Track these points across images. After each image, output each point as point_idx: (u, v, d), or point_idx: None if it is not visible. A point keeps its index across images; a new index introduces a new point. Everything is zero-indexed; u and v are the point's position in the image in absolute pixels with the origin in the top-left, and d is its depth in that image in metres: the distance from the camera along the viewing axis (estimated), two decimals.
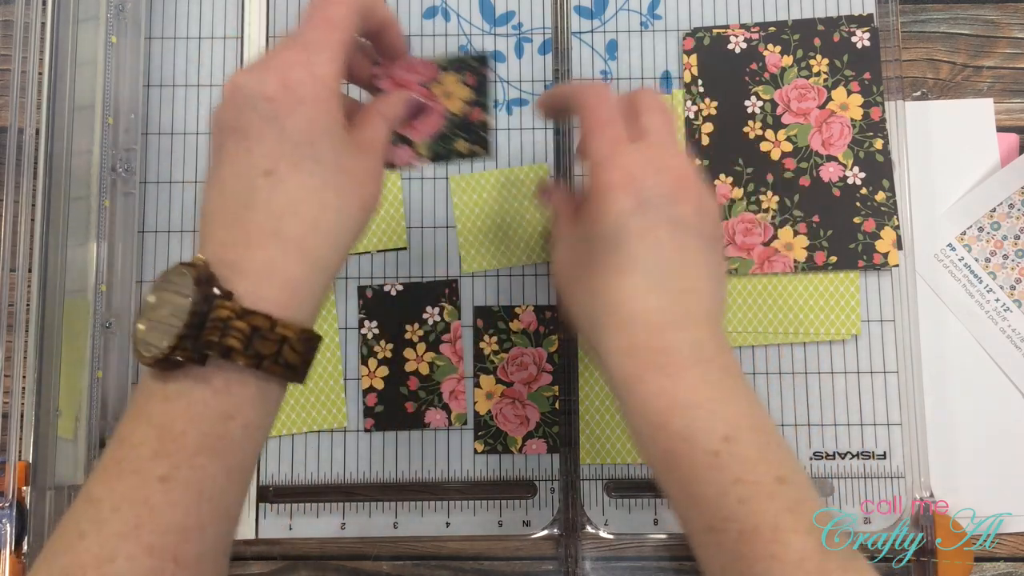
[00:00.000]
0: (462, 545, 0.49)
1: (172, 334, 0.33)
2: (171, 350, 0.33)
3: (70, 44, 0.47)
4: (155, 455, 0.33)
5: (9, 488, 0.43)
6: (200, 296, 0.33)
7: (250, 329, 0.33)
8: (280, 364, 0.34)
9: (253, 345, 0.33)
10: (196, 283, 0.33)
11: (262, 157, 0.35)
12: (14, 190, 0.47)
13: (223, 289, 0.33)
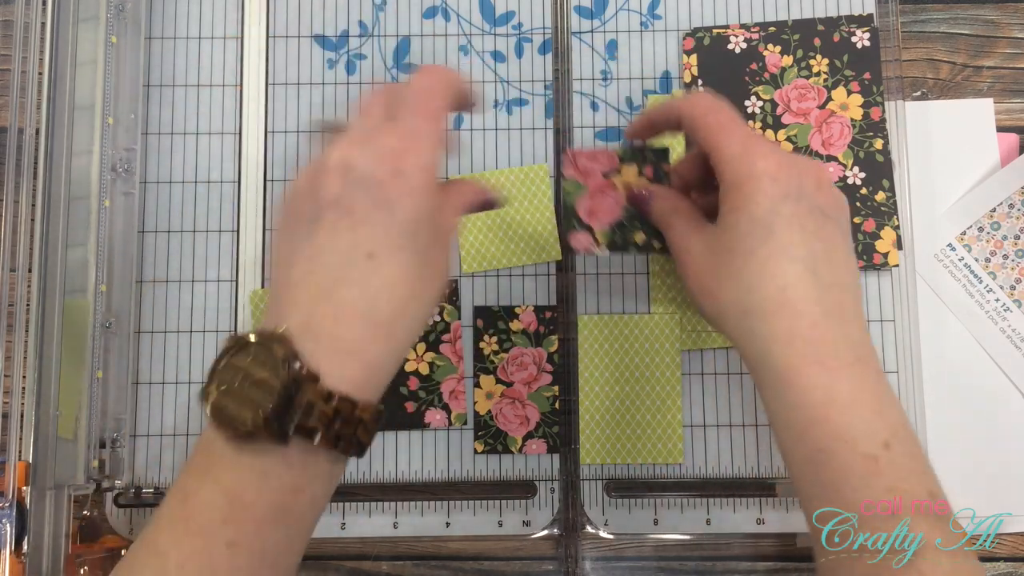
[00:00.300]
0: (462, 545, 0.49)
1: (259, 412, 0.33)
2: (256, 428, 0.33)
3: (70, 44, 0.47)
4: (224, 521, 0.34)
5: (9, 488, 0.43)
6: (289, 378, 0.33)
7: (333, 412, 0.34)
8: (354, 444, 0.35)
9: (333, 427, 0.34)
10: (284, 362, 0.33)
11: (367, 239, 0.35)
12: (14, 190, 0.47)
13: (310, 370, 0.34)
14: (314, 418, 0.33)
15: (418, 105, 0.37)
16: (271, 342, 0.34)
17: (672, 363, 0.49)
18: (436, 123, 0.37)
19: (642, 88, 0.51)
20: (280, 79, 0.51)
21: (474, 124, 0.51)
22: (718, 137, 0.39)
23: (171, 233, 0.50)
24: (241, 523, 0.34)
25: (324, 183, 0.36)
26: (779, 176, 0.38)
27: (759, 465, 0.48)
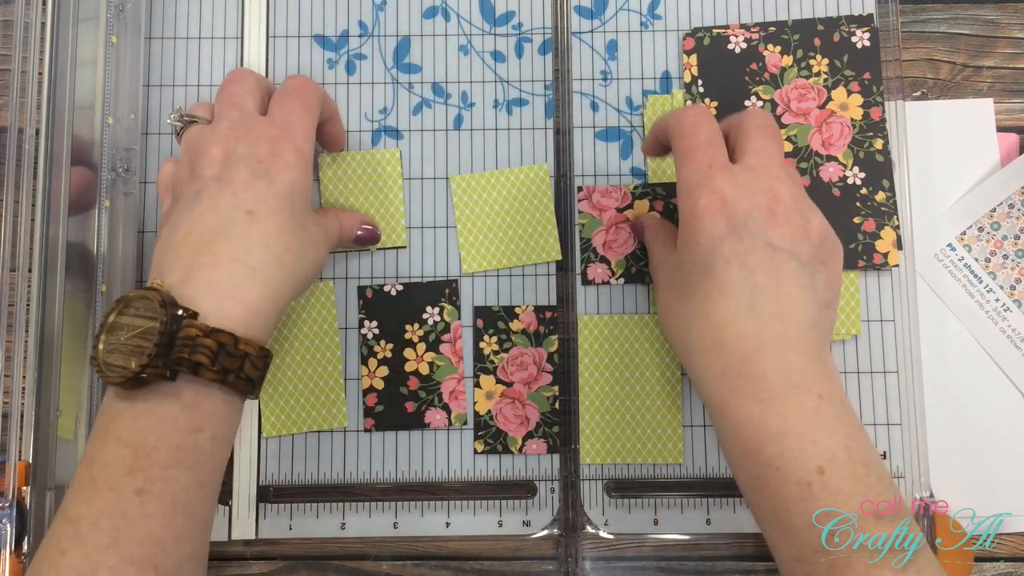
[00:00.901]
0: (462, 545, 0.49)
1: (143, 353, 0.35)
2: (142, 368, 0.35)
3: (70, 44, 0.47)
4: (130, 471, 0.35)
5: (9, 488, 0.43)
6: (168, 316, 0.35)
7: (217, 346, 0.36)
8: (242, 379, 0.37)
9: (219, 361, 0.36)
10: (162, 305, 0.35)
11: (247, 200, 0.39)
12: (14, 190, 0.47)
13: (188, 309, 0.36)
14: (198, 352, 0.35)
15: (289, 101, 0.42)
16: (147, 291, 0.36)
17: (672, 363, 0.49)
18: (308, 116, 0.42)
19: (642, 88, 0.51)
20: (280, 79, 0.51)
21: (474, 124, 0.51)
22: (681, 164, 0.40)
23: None
24: (146, 470, 0.35)
25: (206, 165, 0.40)
26: (724, 211, 0.38)
27: None
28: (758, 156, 0.40)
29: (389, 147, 0.50)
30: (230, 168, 0.39)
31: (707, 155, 0.39)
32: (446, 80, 0.51)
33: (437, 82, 0.51)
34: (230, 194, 0.39)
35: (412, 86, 0.51)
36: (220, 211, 0.38)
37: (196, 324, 0.35)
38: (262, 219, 0.39)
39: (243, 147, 0.39)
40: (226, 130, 0.40)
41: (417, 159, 0.50)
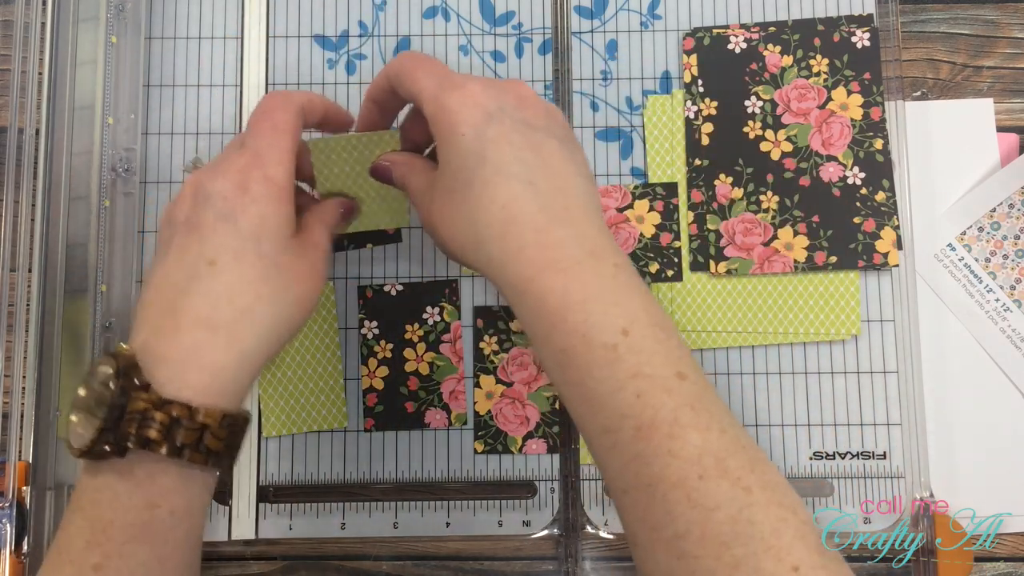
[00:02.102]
0: (462, 545, 0.49)
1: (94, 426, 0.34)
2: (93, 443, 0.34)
3: (70, 44, 0.47)
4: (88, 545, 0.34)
5: (9, 488, 0.43)
6: (119, 388, 0.34)
7: (169, 419, 0.34)
8: (201, 452, 0.35)
9: (173, 435, 0.34)
10: (117, 375, 0.34)
11: (210, 248, 0.37)
12: (14, 190, 0.47)
13: (142, 380, 0.34)
14: (152, 428, 0.34)
15: (260, 123, 0.40)
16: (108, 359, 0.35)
17: None
18: (280, 138, 0.39)
19: (642, 88, 0.51)
20: (280, 79, 0.51)
21: None
22: (415, 80, 0.39)
23: None
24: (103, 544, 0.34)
25: (178, 207, 0.38)
26: (478, 101, 0.38)
27: None
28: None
29: None
30: (198, 210, 0.38)
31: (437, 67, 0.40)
32: None
33: None
34: (196, 241, 0.37)
35: None
36: (184, 264, 0.37)
37: (145, 396, 0.34)
38: (225, 269, 0.36)
39: (211, 183, 0.38)
40: (204, 168, 0.39)
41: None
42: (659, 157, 0.50)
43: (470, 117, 0.38)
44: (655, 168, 0.50)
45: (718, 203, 0.49)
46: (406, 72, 0.40)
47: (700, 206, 0.49)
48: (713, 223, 0.49)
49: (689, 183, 0.50)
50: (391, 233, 0.50)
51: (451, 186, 0.39)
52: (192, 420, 0.34)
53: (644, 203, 0.49)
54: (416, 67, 0.40)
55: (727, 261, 0.49)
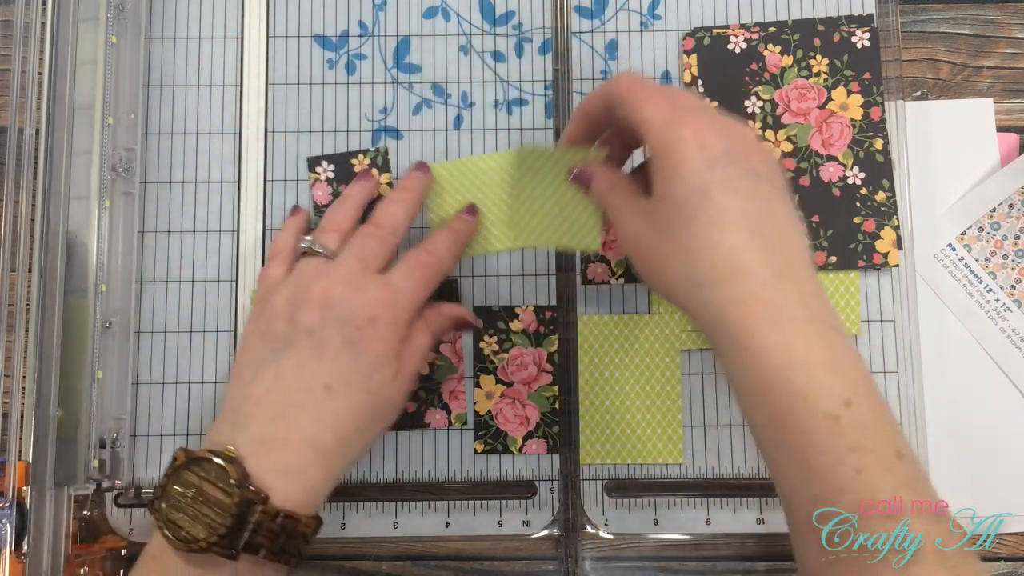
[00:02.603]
0: (462, 545, 0.49)
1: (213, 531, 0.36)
2: (210, 546, 0.36)
3: (70, 44, 0.47)
4: None
5: (9, 488, 0.43)
6: (242, 499, 0.36)
7: (280, 529, 0.37)
8: (294, 555, 0.38)
9: (279, 542, 0.37)
10: (237, 484, 0.36)
11: (329, 372, 0.39)
12: (14, 190, 0.47)
13: (260, 491, 0.37)
14: (262, 535, 0.36)
15: (415, 272, 0.42)
16: (224, 461, 0.37)
17: (672, 363, 0.49)
18: (422, 293, 0.42)
19: None
20: (280, 79, 0.51)
21: (474, 124, 0.51)
22: (642, 108, 0.39)
23: (171, 233, 0.50)
24: None
25: (304, 312, 0.40)
26: (706, 141, 0.37)
27: (759, 465, 0.48)
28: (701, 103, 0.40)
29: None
30: (325, 326, 0.40)
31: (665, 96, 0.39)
32: (446, 80, 0.51)
33: (437, 82, 0.51)
34: (315, 359, 0.39)
35: (412, 86, 0.51)
36: (302, 377, 0.39)
37: (267, 509, 0.36)
38: (338, 397, 0.39)
39: (346, 306, 0.40)
40: (338, 279, 0.41)
41: (417, 159, 0.50)
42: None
43: (698, 154, 0.37)
44: None
45: None
46: (632, 99, 0.39)
47: None
48: None
49: None
50: None
51: (670, 218, 0.37)
52: (296, 530, 0.37)
53: None
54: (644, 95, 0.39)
55: None
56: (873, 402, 0.34)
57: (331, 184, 0.50)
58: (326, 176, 0.50)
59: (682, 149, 0.37)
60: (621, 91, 0.40)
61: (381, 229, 0.43)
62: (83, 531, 0.47)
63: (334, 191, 0.50)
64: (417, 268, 0.43)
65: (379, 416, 0.41)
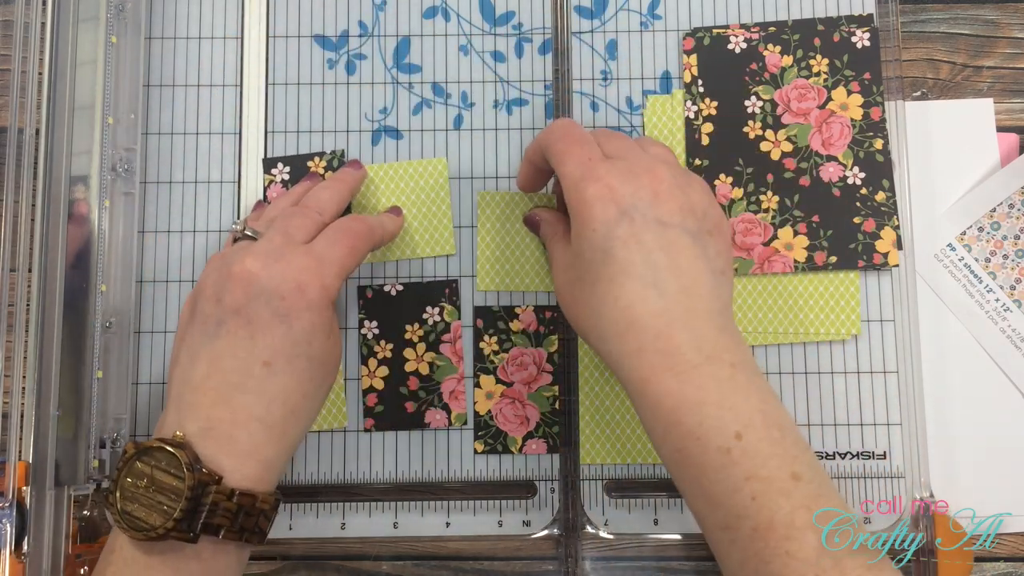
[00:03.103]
0: (462, 545, 0.49)
1: (168, 515, 0.36)
2: (167, 532, 0.36)
3: (70, 44, 0.47)
4: None
5: (9, 488, 0.43)
6: (195, 480, 0.36)
7: (237, 507, 0.37)
8: (256, 533, 0.38)
9: (238, 521, 0.37)
10: (188, 468, 0.37)
11: (265, 348, 0.39)
12: (14, 190, 0.47)
13: (213, 472, 0.37)
14: (219, 515, 0.37)
15: (338, 238, 0.42)
16: (173, 447, 0.37)
17: None
18: (350, 257, 0.42)
19: (642, 88, 0.51)
20: (280, 79, 0.51)
21: (474, 124, 0.51)
22: (564, 162, 0.41)
23: (171, 233, 0.50)
24: None
25: (228, 291, 0.40)
26: (612, 197, 0.39)
27: None
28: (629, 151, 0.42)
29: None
30: (251, 302, 0.39)
31: (584, 150, 0.41)
32: (446, 80, 0.51)
33: (437, 82, 0.51)
34: (248, 336, 0.39)
35: (412, 86, 0.51)
36: (238, 357, 0.39)
37: (221, 489, 0.37)
38: (279, 371, 0.39)
39: (268, 277, 0.40)
40: (257, 252, 0.41)
41: (417, 158, 0.50)
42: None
43: (603, 213, 0.39)
44: None
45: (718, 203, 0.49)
46: (556, 152, 0.42)
47: None
48: None
49: None
50: None
51: (581, 276, 0.40)
52: (253, 507, 0.38)
53: None
54: (565, 149, 0.41)
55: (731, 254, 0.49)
56: (768, 430, 0.36)
57: (286, 186, 0.50)
58: (281, 178, 0.50)
59: (587, 210, 0.39)
60: (550, 143, 0.42)
61: (306, 208, 0.44)
62: (83, 531, 0.47)
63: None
64: (342, 234, 0.43)
65: (324, 377, 0.41)
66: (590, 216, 0.39)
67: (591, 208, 0.39)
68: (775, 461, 0.35)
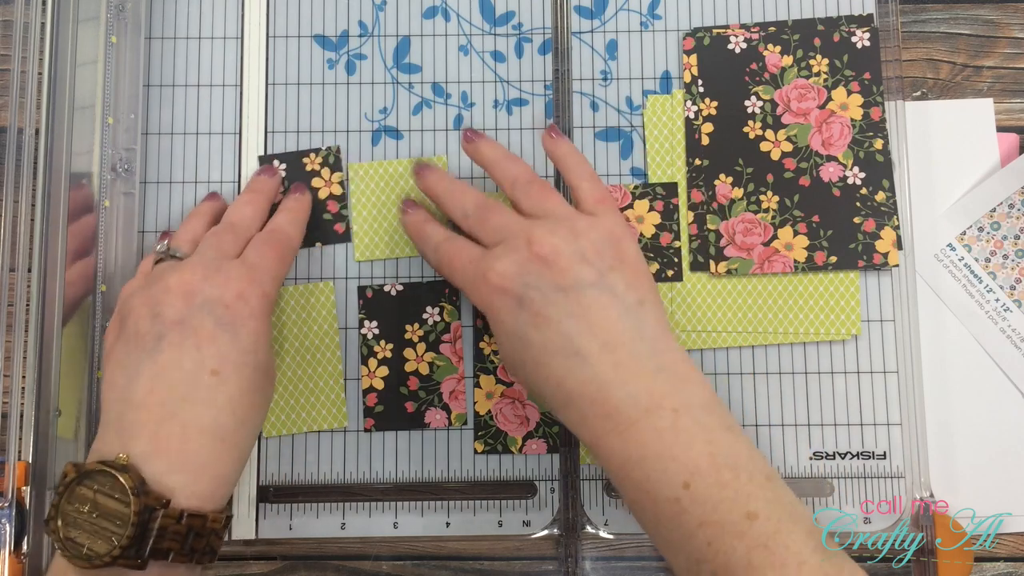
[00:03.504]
0: (462, 545, 0.49)
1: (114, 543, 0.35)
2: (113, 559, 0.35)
3: (70, 44, 0.47)
4: None
5: (9, 488, 0.43)
6: (141, 505, 0.35)
7: (187, 529, 0.36)
8: (207, 553, 0.37)
9: (188, 543, 0.36)
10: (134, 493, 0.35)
11: (212, 357, 0.38)
12: (14, 190, 0.47)
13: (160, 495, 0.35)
14: (168, 539, 0.35)
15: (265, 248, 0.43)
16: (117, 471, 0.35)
17: None
18: (280, 267, 0.43)
19: (642, 88, 0.51)
20: (280, 79, 0.51)
21: (474, 124, 0.51)
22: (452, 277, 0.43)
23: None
24: None
25: (166, 305, 0.39)
26: (505, 288, 0.40)
27: None
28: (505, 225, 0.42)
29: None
30: (194, 314, 0.39)
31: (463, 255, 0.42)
32: (446, 80, 0.51)
33: (437, 82, 0.51)
34: (193, 347, 0.38)
35: (412, 86, 0.51)
36: (184, 368, 0.38)
37: (169, 512, 0.35)
38: (227, 380, 0.38)
39: (209, 288, 0.40)
40: (193, 268, 0.40)
41: (417, 158, 0.50)
42: (659, 157, 0.50)
43: (503, 305, 0.40)
44: (655, 168, 0.50)
45: (718, 203, 0.49)
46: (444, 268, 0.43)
47: (700, 206, 0.49)
48: (713, 223, 0.49)
49: (689, 183, 0.50)
50: (341, 232, 0.50)
51: (512, 362, 0.41)
52: (204, 528, 0.36)
53: (644, 203, 0.49)
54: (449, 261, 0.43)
55: (727, 261, 0.49)
56: (718, 472, 0.36)
57: (283, 183, 0.50)
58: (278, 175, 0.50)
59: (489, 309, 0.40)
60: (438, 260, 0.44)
61: (232, 224, 0.45)
62: None
63: (284, 190, 0.50)
64: (268, 245, 0.43)
65: (268, 387, 0.41)
66: (495, 313, 0.40)
67: (491, 306, 0.40)
68: (726, 504, 0.35)
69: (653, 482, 0.36)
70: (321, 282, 0.49)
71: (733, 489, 0.36)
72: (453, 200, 0.45)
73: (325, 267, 0.49)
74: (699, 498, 0.35)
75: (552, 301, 0.39)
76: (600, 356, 0.38)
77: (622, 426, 0.37)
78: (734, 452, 0.37)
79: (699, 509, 0.35)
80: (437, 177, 0.46)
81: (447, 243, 0.44)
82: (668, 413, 0.37)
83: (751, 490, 0.36)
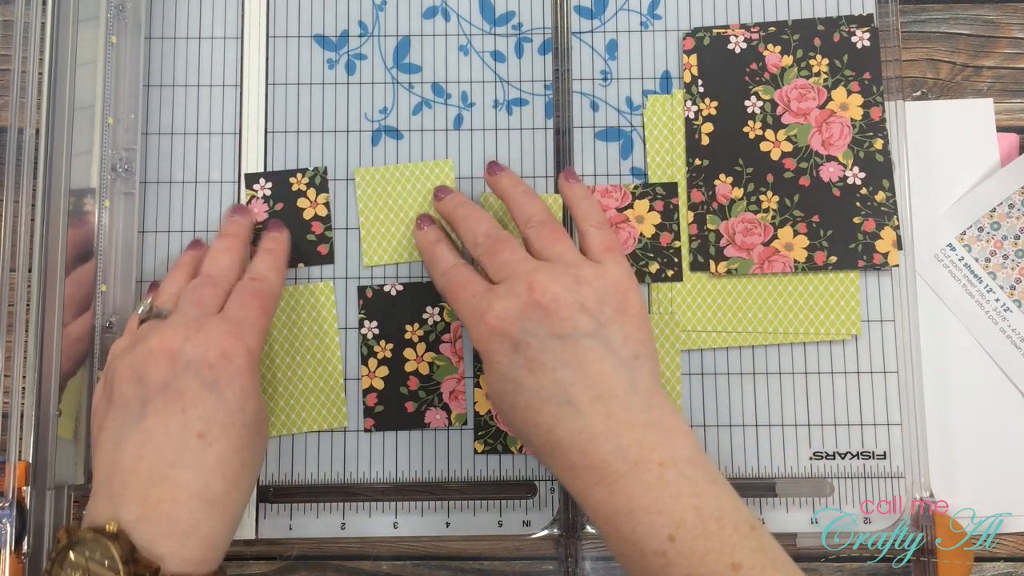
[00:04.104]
0: (462, 545, 0.49)
1: None
2: None
3: (70, 44, 0.47)
4: None
5: (9, 488, 0.43)
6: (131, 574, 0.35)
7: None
8: None
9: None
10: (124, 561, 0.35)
11: (197, 420, 0.38)
12: (14, 190, 0.47)
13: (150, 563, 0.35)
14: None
15: (247, 300, 0.42)
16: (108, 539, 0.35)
17: (672, 363, 0.49)
18: (262, 318, 0.43)
19: (642, 88, 0.51)
20: (280, 79, 0.51)
21: (474, 124, 0.51)
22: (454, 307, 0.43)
23: (171, 233, 0.50)
24: None
25: (150, 368, 0.39)
26: (503, 330, 0.40)
27: (759, 465, 0.48)
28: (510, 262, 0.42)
29: None
30: (178, 376, 0.39)
31: (468, 290, 0.42)
32: (446, 80, 0.51)
33: (437, 82, 0.51)
34: (179, 411, 0.38)
35: (412, 86, 0.51)
36: (170, 434, 0.38)
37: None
38: (215, 442, 0.38)
39: (192, 348, 0.39)
40: (175, 327, 0.40)
41: (417, 159, 0.50)
42: (659, 157, 0.50)
43: (500, 348, 0.40)
44: (655, 168, 0.50)
45: (718, 203, 0.49)
46: (449, 295, 0.43)
47: (700, 206, 0.49)
48: (713, 223, 0.49)
49: (689, 183, 0.50)
50: (325, 254, 0.50)
51: (501, 405, 0.41)
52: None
53: (644, 203, 0.49)
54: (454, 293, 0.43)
55: (727, 261, 0.49)
56: (704, 525, 0.36)
57: (268, 202, 0.50)
58: (263, 194, 0.50)
59: (485, 348, 0.41)
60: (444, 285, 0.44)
61: (211, 276, 0.44)
62: None
63: (271, 209, 0.50)
64: (249, 296, 0.43)
65: (259, 443, 0.41)
66: (490, 355, 0.40)
67: (488, 346, 0.40)
68: (712, 556, 0.36)
69: (640, 535, 0.37)
70: (321, 282, 0.49)
71: (718, 540, 0.36)
72: (467, 226, 0.45)
73: (325, 267, 0.49)
74: (685, 550, 0.36)
75: (548, 348, 0.39)
76: (592, 407, 0.39)
77: (609, 478, 0.38)
78: (719, 504, 0.37)
79: (685, 561, 0.36)
80: (456, 202, 0.47)
81: (455, 270, 0.44)
82: (655, 467, 0.38)
83: (736, 540, 0.36)
